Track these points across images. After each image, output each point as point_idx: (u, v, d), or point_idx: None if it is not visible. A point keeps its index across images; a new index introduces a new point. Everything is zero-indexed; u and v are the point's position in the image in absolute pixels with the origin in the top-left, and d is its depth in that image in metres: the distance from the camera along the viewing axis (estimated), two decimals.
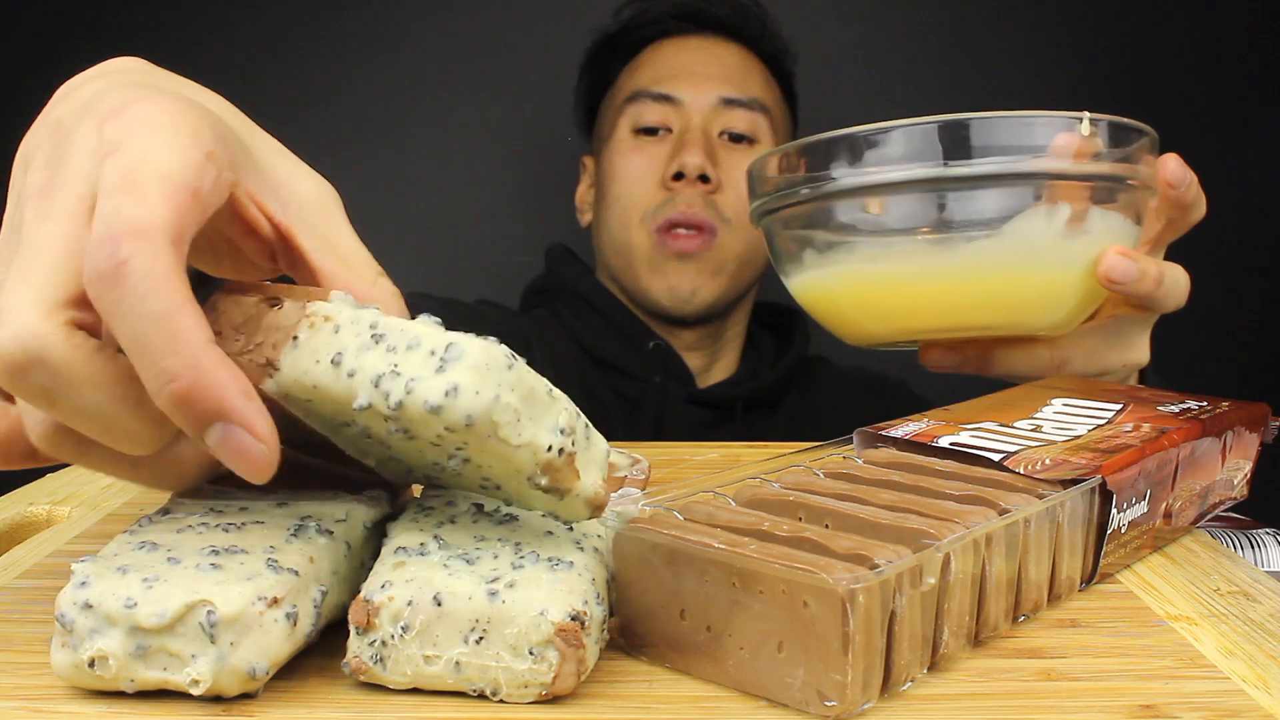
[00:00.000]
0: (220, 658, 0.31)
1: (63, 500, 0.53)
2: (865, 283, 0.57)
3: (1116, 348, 0.62)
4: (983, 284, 0.55)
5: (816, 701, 0.31)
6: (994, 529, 0.36)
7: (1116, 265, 0.55)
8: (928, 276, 0.55)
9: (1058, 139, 0.53)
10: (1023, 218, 0.54)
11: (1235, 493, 0.51)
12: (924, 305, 0.57)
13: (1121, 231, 0.56)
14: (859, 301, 0.58)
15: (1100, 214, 0.55)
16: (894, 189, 0.54)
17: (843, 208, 0.56)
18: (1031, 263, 0.55)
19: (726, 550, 0.33)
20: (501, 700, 0.33)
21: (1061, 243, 0.54)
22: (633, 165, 0.98)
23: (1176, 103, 1.33)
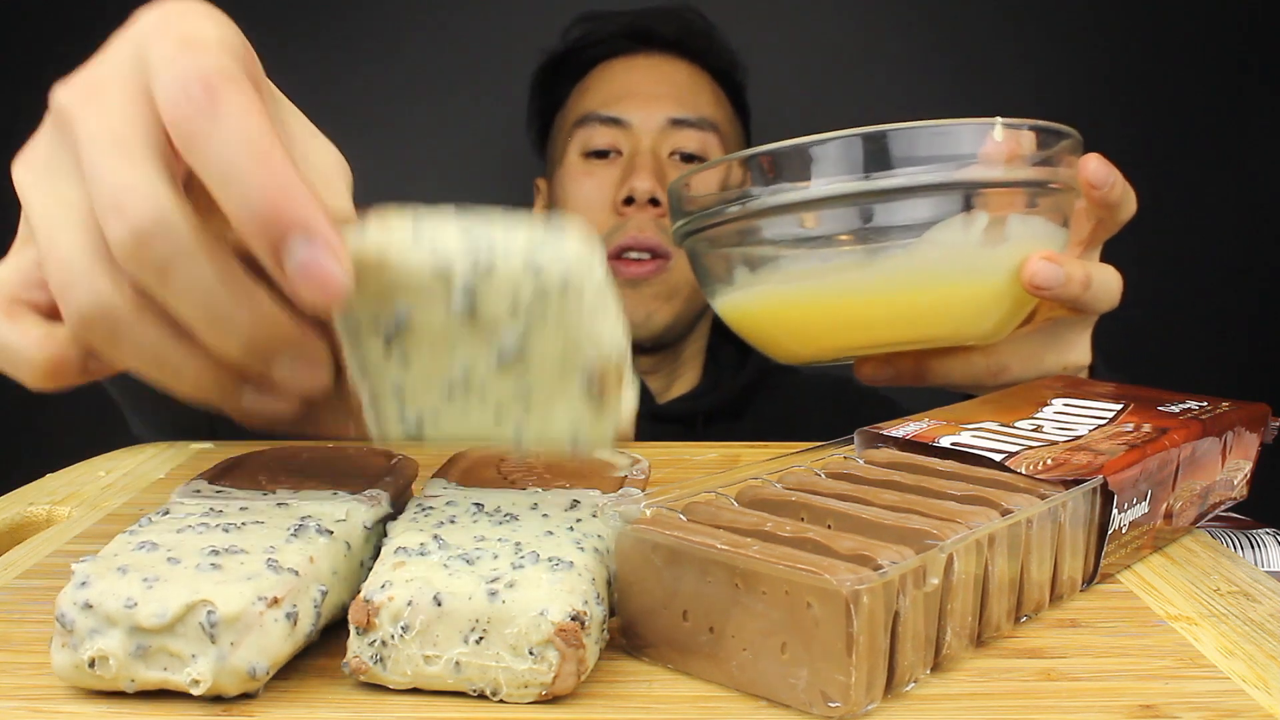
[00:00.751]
0: (220, 658, 0.31)
1: (63, 500, 0.53)
2: (791, 302, 0.56)
3: (1055, 350, 0.61)
4: (905, 298, 0.54)
5: (820, 702, 0.31)
6: (996, 529, 0.36)
7: (1040, 271, 0.54)
8: (850, 293, 0.54)
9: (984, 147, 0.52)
10: (939, 229, 0.53)
11: (1235, 493, 0.51)
12: (849, 322, 0.56)
13: (1046, 236, 0.55)
14: (786, 321, 0.57)
15: (1021, 220, 0.54)
16: (815, 205, 0.53)
17: (764, 225, 0.55)
18: (952, 274, 0.54)
19: (729, 551, 0.33)
20: (501, 700, 0.33)
21: (981, 251, 0.53)
22: (583, 190, 0.98)
23: (1176, 103, 1.33)
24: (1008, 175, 0.53)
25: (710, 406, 0.99)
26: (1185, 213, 1.33)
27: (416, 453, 0.48)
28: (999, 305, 0.56)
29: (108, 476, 0.57)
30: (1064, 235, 0.57)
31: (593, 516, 0.38)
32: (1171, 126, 1.32)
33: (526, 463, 0.45)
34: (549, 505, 0.39)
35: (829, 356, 0.59)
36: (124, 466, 0.59)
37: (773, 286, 0.56)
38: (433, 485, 0.41)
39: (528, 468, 0.44)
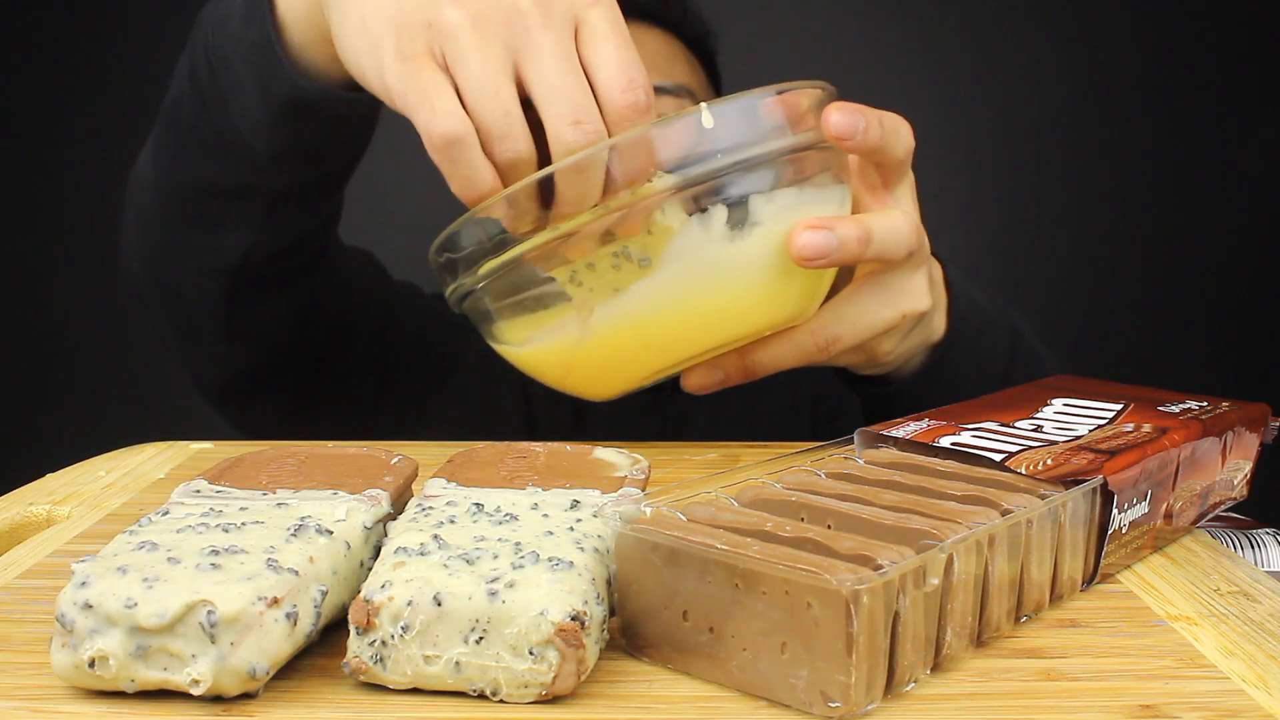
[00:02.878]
0: (220, 658, 0.31)
1: (63, 500, 0.53)
2: (568, 346, 0.53)
3: (886, 303, 0.56)
4: (679, 318, 0.51)
5: (820, 702, 0.31)
6: (996, 529, 0.36)
7: (809, 243, 0.50)
8: (623, 327, 0.51)
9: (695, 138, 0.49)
10: (676, 241, 0.49)
11: (1235, 493, 0.51)
12: (639, 352, 0.53)
13: (805, 204, 0.51)
14: (575, 365, 0.54)
15: (764, 200, 0.50)
16: (513, 265, 0.50)
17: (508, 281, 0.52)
18: (710, 280, 0.50)
19: (729, 551, 0.33)
20: (501, 700, 0.33)
21: (730, 249, 0.50)
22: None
23: (1176, 103, 1.33)
24: (725, 161, 0.49)
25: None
26: (1185, 213, 1.33)
27: (417, 453, 0.48)
28: (785, 290, 0.52)
29: (108, 476, 0.57)
30: (838, 192, 0.53)
31: (593, 516, 0.38)
32: (1171, 126, 1.32)
33: (526, 461, 0.45)
34: (549, 505, 0.39)
35: (641, 384, 0.56)
36: (124, 466, 0.59)
37: (547, 336, 0.53)
38: (433, 485, 0.41)
39: (528, 467, 0.44)
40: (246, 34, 0.60)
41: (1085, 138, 1.30)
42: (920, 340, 0.61)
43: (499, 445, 0.47)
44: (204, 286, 0.70)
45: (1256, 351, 1.36)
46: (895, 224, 0.54)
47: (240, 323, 0.72)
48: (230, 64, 0.61)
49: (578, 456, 0.46)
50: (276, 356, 0.76)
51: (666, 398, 0.96)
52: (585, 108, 0.48)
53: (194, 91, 0.64)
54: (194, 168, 0.66)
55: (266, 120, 0.61)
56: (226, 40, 0.61)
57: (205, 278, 0.69)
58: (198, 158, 0.66)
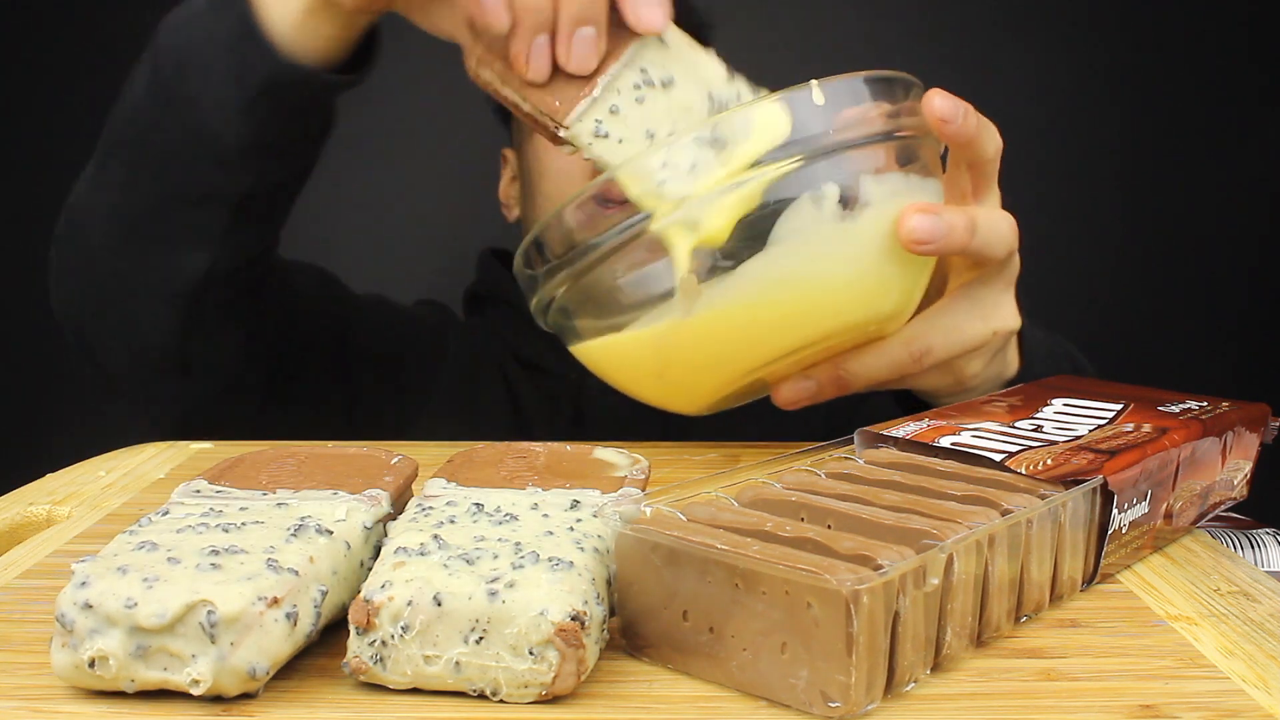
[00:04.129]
0: (220, 658, 0.31)
1: (63, 500, 0.53)
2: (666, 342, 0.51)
3: (977, 318, 0.56)
4: (784, 304, 0.50)
5: (820, 702, 0.31)
6: (996, 529, 0.36)
7: (918, 225, 0.50)
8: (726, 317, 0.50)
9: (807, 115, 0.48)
10: (786, 219, 0.48)
11: (1235, 493, 0.51)
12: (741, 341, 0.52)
13: (912, 190, 0.51)
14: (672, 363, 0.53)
15: (875, 181, 0.50)
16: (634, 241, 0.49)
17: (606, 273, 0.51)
18: (820, 261, 0.50)
19: (729, 551, 0.33)
20: (501, 700, 0.33)
21: (842, 227, 0.49)
22: (561, 162, 0.93)
23: (1176, 103, 1.33)
24: (839, 137, 0.49)
25: None
26: (1185, 213, 1.33)
27: (416, 453, 0.48)
28: (889, 278, 0.52)
29: (108, 476, 0.57)
30: (935, 185, 0.53)
31: (593, 516, 0.38)
32: (1172, 126, 1.32)
33: (526, 461, 0.45)
34: (549, 505, 0.39)
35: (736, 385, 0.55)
36: (124, 466, 0.59)
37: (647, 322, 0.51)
38: (433, 485, 0.41)
39: (528, 467, 0.44)
40: (219, 24, 0.60)
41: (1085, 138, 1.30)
42: (996, 373, 0.61)
43: (499, 445, 0.47)
44: (158, 317, 0.69)
45: (1256, 351, 1.36)
46: (997, 220, 0.55)
47: (195, 354, 0.71)
48: (201, 55, 0.61)
49: (578, 456, 0.46)
50: (232, 385, 0.75)
51: None
52: None
53: (154, 96, 0.64)
54: (152, 179, 0.66)
55: (239, 106, 0.62)
56: (195, 31, 0.62)
57: (160, 306, 0.68)
58: (157, 167, 0.65)
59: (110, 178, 0.68)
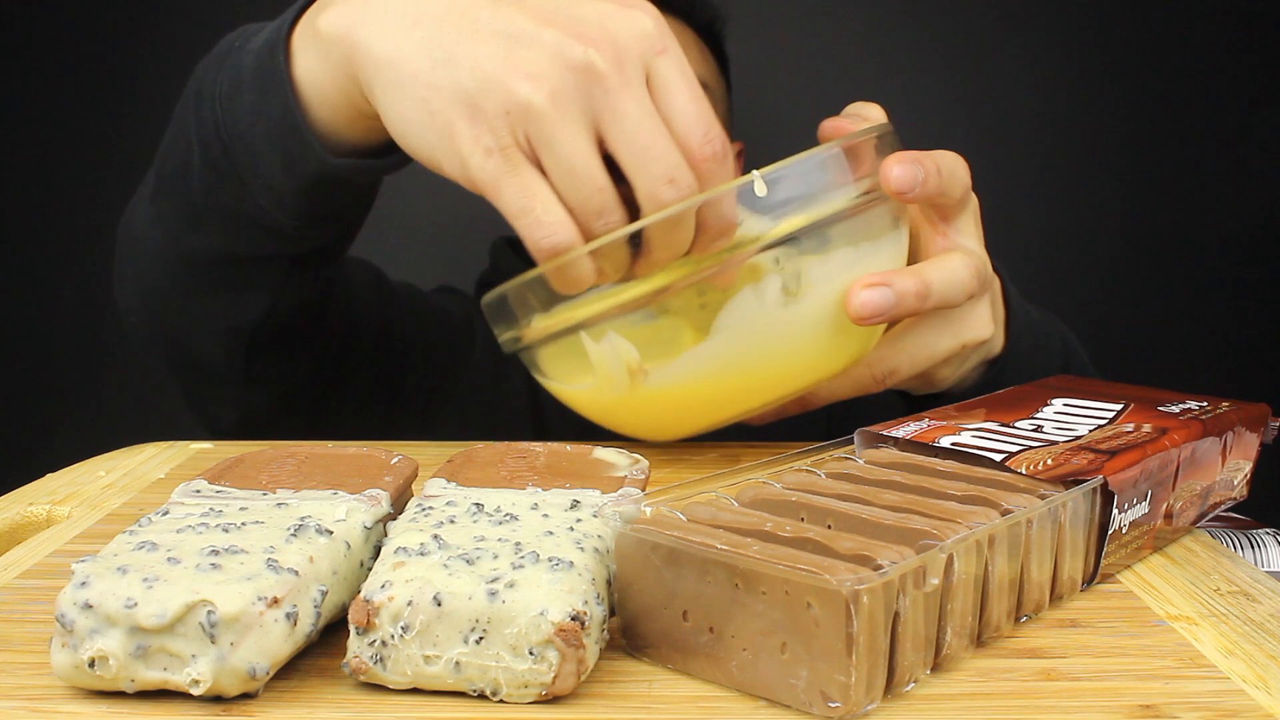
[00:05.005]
0: (220, 658, 0.31)
1: (63, 500, 0.53)
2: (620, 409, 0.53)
3: (946, 335, 0.56)
4: (729, 384, 0.51)
5: (820, 702, 0.31)
6: (996, 529, 0.36)
7: (866, 303, 0.50)
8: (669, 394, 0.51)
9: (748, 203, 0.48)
10: (727, 312, 0.49)
11: (1235, 493, 0.51)
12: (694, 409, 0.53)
13: (859, 260, 0.51)
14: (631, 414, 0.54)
15: (819, 263, 0.50)
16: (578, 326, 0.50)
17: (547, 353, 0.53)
18: (764, 346, 0.50)
19: (729, 551, 0.33)
20: (501, 700, 0.33)
21: (785, 313, 0.50)
22: None
23: (1176, 104, 1.33)
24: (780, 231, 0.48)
25: None
26: (1185, 213, 1.33)
27: (417, 453, 0.48)
28: (837, 347, 0.52)
29: (108, 476, 0.57)
30: (895, 237, 0.53)
31: (593, 516, 0.38)
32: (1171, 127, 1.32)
33: (526, 461, 0.45)
34: (549, 505, 0.39)
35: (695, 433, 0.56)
36: (124, 466, 0.59)
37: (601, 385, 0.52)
38: (433, 485, 0.41)
39: (528, 467, 0.44)
40: (265, 109, 0.57)
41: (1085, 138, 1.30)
42: (979, 359, 0.60)
43: (499, 445, 0.47)
44: (222, 344, 0.68)
45: (1256, 351, 1.36)
46: (954, 270, 0.53)
47: (261, 370, 0.70)
48: (247, 140, 0.58)
49: (578, 456, 0.46)
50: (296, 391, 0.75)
51: None
52: (677, 164, 0.47)
53: (205, 163, 0.60)
54: (211, 238, 0.63)
55: (292, 194, 0.59)
56: (240, 115, 0.58)
57: (223, 335, 0.67)
58: (215, 228, 0.63)
59: (165, 222, 0.65)
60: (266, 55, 0.56)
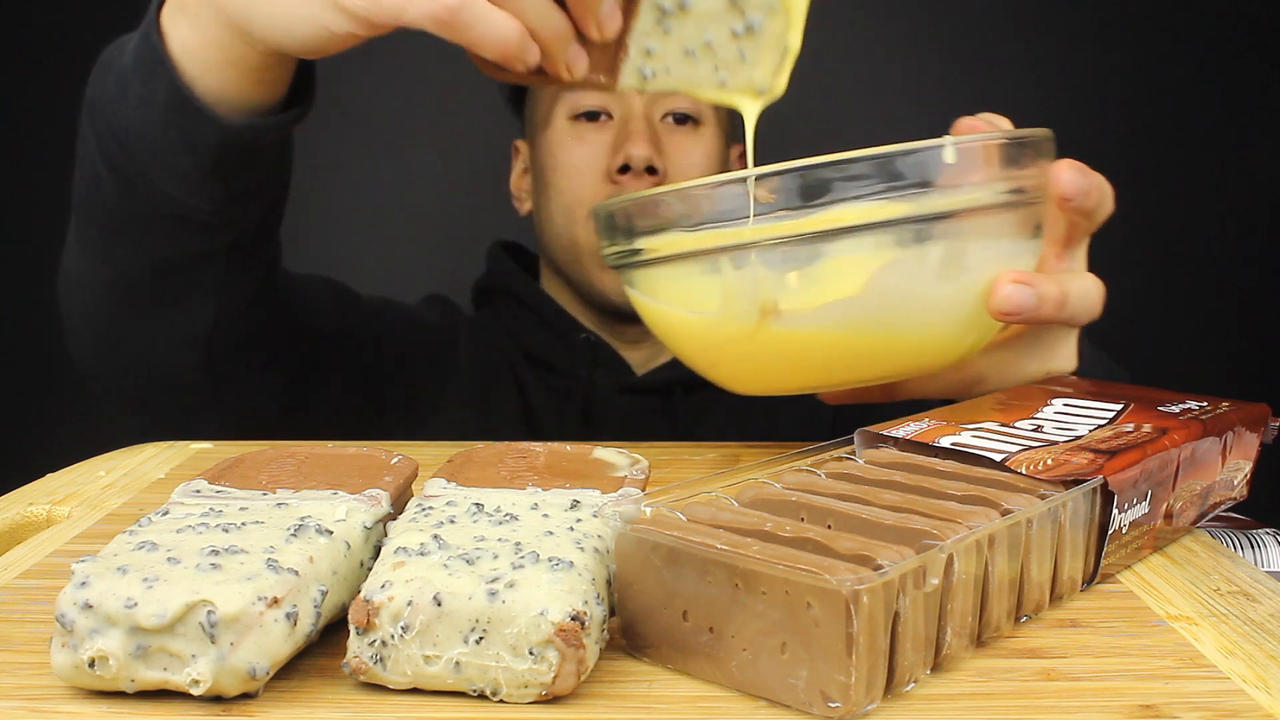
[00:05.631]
0: (220, 658, 0.31)
1: (63, 500, 0.53)
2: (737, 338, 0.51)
3: (1036, 358, 0.57)
4: (859, 345, 0.51)
5: (820, 702, 0.31)
6: (996, 529, 0.36)
7: (1010, 298, 0.50)
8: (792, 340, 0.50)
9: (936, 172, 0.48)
10: (888, 270, 0.49)
11: (1235, 493, 0.51)
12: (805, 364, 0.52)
13: (1012, 254, 0.51)
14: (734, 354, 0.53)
15: (983, 245, 0.50)
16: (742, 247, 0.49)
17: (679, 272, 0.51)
18: (908, 316, 0.50)
19: (729, 551, 0.33)
20: (501, 700, 0.33)
21: (939, 289, 0.49)
22: (574, 157, 0.93)
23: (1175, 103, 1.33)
24: (962, 203, 0.48)
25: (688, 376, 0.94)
26: (1185, 213, 1.33)
27: (416, 453, 0.48)
28: (965, 336, 0.52)
29: (108, 476, 0.57)
30: (1034, 247, 0.53)
31: (593, 516, 0.38)
32: (1172, 126, 1.32)
33: (526, 461, 0.45)
34: (549, 505, 0.39)
35: (770, 393, 0.56)
36: (124, 466, 0.59)
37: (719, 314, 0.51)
38: (433, 485, 0.41)
39: (528, 467, 0.44)
40: (152, 96, 0.57)
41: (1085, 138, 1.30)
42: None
43: (499, 445, 0.47)
44: (181, 358, 0.68)
45: (1256, 351, 1.36)
46: (1088, 290, 0.54)
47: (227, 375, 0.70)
48: (143, 133, 0.58)
49: (578, 456, 0.46)
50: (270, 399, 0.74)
51: (679, 398, 0.96)
52: None
53: (111, 172, 0.60)
54: (137, 249, 0.63)
55: (200, 175, 0.59)
56: (131, 111, 0.58)
57: (180, 350, 0.67)
58: (137, 238, 0.63)
59: (92, 249, 0.65)
60: (143, 45, 0.57)
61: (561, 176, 0.94)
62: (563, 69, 0.52)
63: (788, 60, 0.55)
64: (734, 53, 0.54)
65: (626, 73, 0.54)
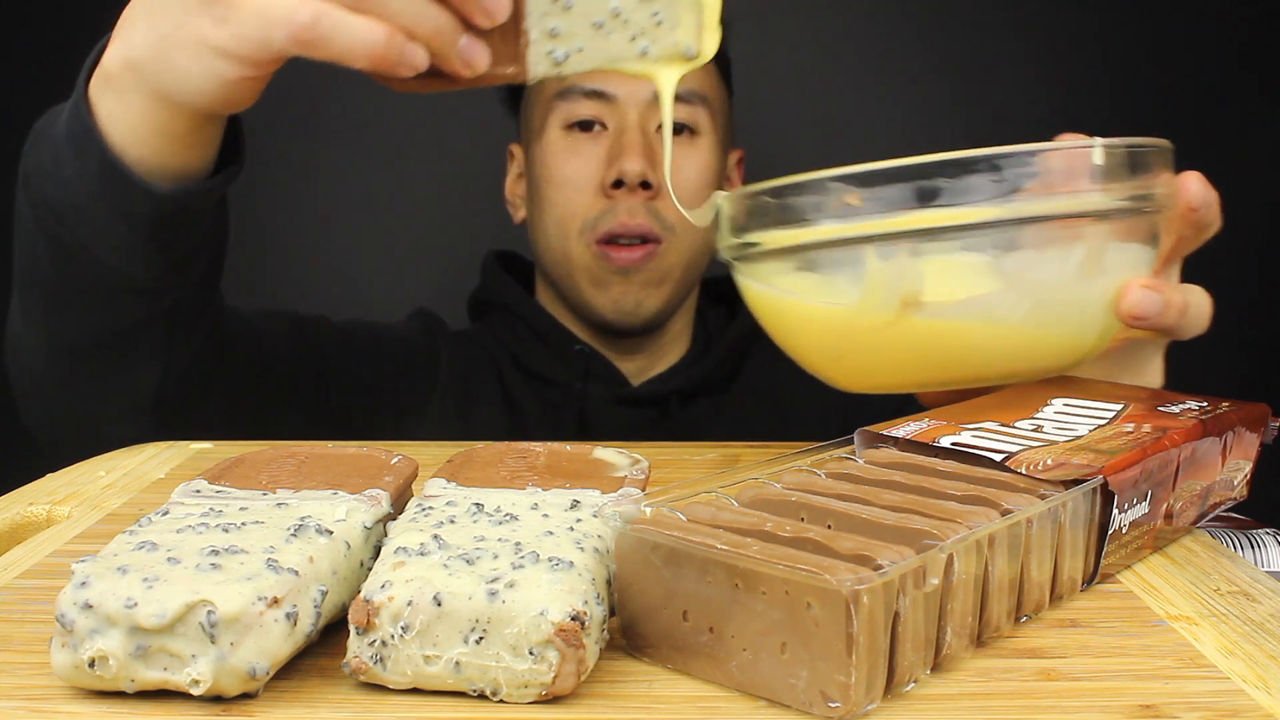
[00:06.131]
0: (220, 658, 0.31)
1: (63, 500, 0.53)
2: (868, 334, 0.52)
3: (1129, 372, 0.59)
4: (989, 338, 0.51)
5: (820, 702, 0.31)
6: (996, 529, 0.36)
7: (1141, 302, 0.51)
8: (927, 332, 0.50)
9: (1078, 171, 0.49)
10: (1033, 265, 0.49)
11: (1235, 493, 0.51)
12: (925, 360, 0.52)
13: (1138, 260, 0.52)
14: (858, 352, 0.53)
15: (1117, 250, 0.51)
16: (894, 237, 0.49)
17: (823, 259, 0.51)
18: (1045, 312, 0.51)
19: (729, 551, 0.33)
20: (501, 700, 0.33)
21: (1078, 287, 0.50)
22: (568, 170, 0.93)
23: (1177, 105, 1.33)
24: (1112, 205, 0.49)
25: (682, 386, 0.95)
26: None
27: (416, 453, 0.48)
28: (1088, 338, 0.53)
29: (108, 476, 0.57)
30: (1152, 255, 0.54)
31: (593, 516, 0.38)
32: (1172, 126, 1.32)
33: (526, 461, 0.45)
34: (549, 505, 0.39)
35: (886, 390, 0.56)
36: (124, 466, 0.59)
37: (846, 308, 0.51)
38: (433, 485, 0.41)
39: (528, 467, 0.44)
40: (85, 168, 0.58)
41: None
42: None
43: (499, 445, 0.47)
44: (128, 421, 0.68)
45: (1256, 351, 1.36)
46: (1204, 301, 0.55)
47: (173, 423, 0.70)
48: (78, 204, 0.59)
49: (578, 456, 0.46)
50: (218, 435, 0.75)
51: (675, 409, 0.96)
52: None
53: (50, 243, 0.61)
54: (80, 319, 0.64)
55: (137, 242, 0.60)
56: (65, 182, 0.59)
57: (127, 413, 0.68)
58: (80, 309, 0.63)
59: (35, 319, 0.66)
60: (73, 117, 0.58)
61: (555, 190, 0.94)
62: (459, 65, 0.50)
63: (708, 15, 0.52)
64: (647, 17, 0.51)
65: (535, 60, 0.51)
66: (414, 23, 0.48)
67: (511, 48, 0.51)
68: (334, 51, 0.48)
